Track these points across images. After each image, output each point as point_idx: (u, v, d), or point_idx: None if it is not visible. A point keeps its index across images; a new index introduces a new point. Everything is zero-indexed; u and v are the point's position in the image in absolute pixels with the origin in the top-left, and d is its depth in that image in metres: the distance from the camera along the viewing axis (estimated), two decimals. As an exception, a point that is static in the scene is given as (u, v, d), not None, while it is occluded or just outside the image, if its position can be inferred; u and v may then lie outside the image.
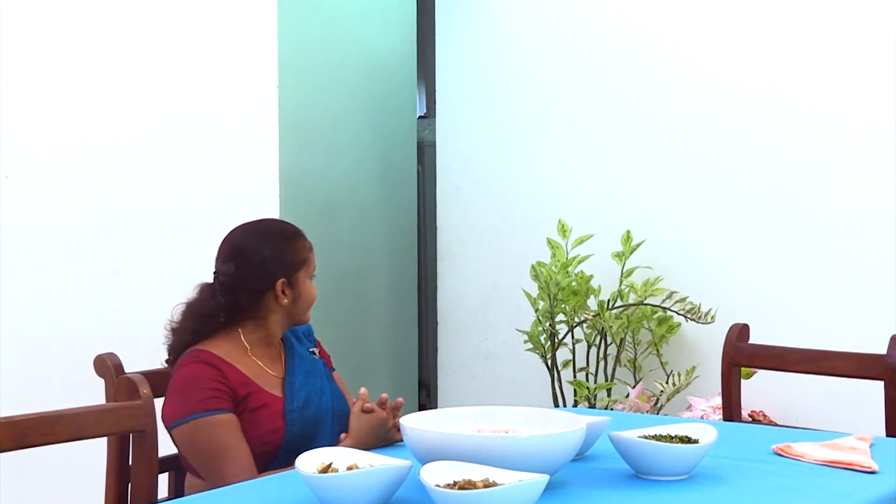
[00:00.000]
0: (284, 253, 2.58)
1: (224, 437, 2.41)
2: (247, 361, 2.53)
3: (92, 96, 3.31)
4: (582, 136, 4.42)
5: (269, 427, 2.48)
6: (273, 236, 2.61)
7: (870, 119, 3.81)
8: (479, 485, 1.78)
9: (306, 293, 2.61)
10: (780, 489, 2.04)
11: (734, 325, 3.02)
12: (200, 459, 2.42)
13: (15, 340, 3.12)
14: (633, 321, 4.06)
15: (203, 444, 2.41)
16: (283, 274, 2.57)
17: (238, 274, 2.55)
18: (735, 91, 4.08)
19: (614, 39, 4.35)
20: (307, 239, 2.66)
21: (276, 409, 2.51)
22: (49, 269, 3.21)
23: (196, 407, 2.41)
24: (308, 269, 2.63)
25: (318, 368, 2.66)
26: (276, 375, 2.58)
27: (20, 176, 3.14)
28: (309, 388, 2.58)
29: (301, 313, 2.62)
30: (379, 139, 5.09)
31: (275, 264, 2.57)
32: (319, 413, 2.57)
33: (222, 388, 2.45)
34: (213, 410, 2.42)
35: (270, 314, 2.58)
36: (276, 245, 2.59)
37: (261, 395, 2.50)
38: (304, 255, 2.62)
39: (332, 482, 1.86)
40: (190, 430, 2.38)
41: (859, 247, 3.82)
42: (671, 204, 4.21)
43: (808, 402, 3.85)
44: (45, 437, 2.11)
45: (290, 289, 2.58)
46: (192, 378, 2.45)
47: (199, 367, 2.47)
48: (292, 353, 2.64)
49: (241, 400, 2.47)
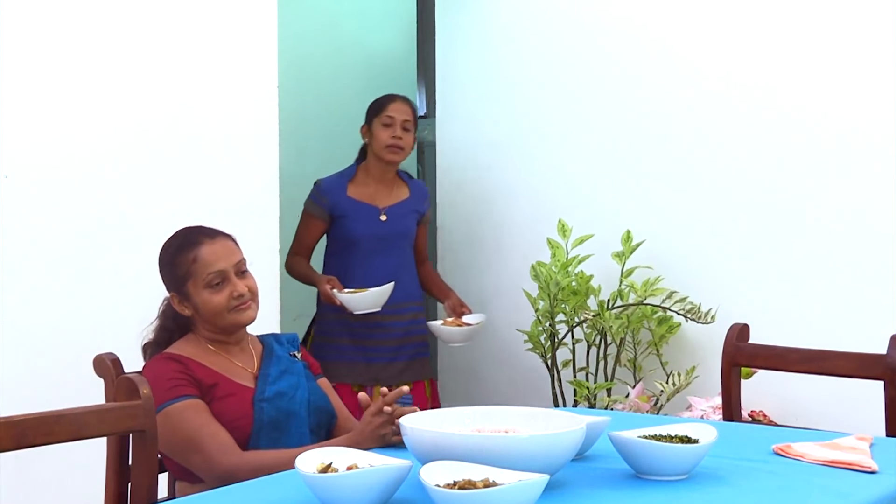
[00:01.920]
0: (169, 268, 2.62)
1: (196, 419, 2.45)
2: (212, 358, 2.58)
3: (92, 98, 3.31)
4: (582, 135, 4.42)
5: (237, 414, 2.50)
6: (164, 251, 2.65)
7: (869, 119, 3.80)
8: (479, 485, 1.78)
9: (203, 304, 2.57)
10: (780, 489, 2.04)
11: (734, 324, 3.02)
12: (180, 447, 2.45)
13: (15, 340, 3.12)
14: (633, 321, 4.06)
15: (177, 430, 2.44)
16: (172, 288, 2.62)
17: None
18: (735, 92, 4.08)
19: (614, 39, 4.35)
20: (196, 248, 2.58)
21: (244, 398, 2.54)
22: (49, 270, 3.20)
23: (162, 398, 2.44)
24: (196, 281, 2.56)
25: (297, 368, 2.68)
26: (247, 369, 2.61)
27: (21, 176, 3.14)
28: (284, 383, 2.60)
29: (213, 321, 2.59)
30: (379, 139, 5.07)
31: (164, 279, 2.64)
32: (293, 404, 2.59)
33: (185, 377, 2.50)
34: (179, 397, 2.46)
35: (196, 323, 2.63)
36: (163, 261, 2.64)
37: (228, 385, 2.54)
38: (185, 268, 2.57)
39: (332, 482, 1.86)
40: (162, 421, 2.37)
41: (859, 247, 3.82)
42: (671, 204, 4.21)
43: (808, 402, 3.85)
44: (45, 437, 2.10)
45: (187, 301, 2.60)
46: (156, 375, 2.49)
47: (161, 363, 2.53)
48: (270, 353, 2.67)
49: (208, 389, 2.51)
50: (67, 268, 3.24)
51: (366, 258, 4.12)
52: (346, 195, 4.13)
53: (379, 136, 4.11)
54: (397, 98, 4.19)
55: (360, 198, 4.14)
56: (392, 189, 4.21)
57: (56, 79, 3.23)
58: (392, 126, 4.10)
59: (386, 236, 4.14)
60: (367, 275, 4.08)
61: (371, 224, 4.12)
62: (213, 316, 2.58)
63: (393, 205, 4.18)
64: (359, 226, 4.12)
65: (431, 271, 4.41)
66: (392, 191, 4.20)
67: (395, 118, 4.11)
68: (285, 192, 3.90)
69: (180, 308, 2.60)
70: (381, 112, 4.13)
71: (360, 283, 4.05)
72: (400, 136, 4.10)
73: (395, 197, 4.20)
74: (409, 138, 4.14)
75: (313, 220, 4.17)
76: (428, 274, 4.36)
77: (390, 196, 4.19)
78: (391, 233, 4.15)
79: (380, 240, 4.13)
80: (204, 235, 2.62)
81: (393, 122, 4.10)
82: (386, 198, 4.19)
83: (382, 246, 4.13)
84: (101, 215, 3.32)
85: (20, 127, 3.15)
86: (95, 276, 3.30)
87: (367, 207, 4.13)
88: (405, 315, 4.17)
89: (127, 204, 3.38)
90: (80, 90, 3.28)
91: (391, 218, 4.16)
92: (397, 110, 4.13)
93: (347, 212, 4.12)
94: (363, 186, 4.17)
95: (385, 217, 4.14)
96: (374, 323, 4.04)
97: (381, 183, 4.19)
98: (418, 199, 4.26)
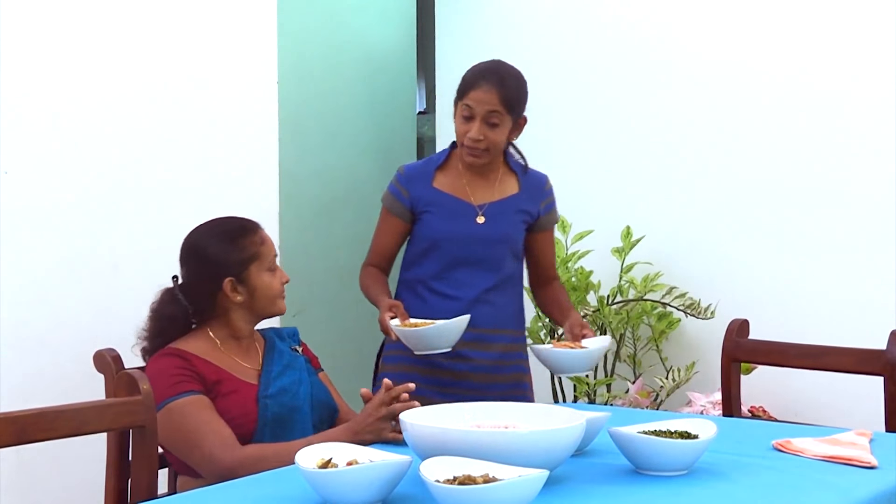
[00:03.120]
0: (230, 251, 2.59)
1: (198, 415, 2.44)
2: (217, 355, 2.57)
3: (91, 93, 3.30)
4: (581, 131, 4.41)
5: (241, 411, 2.50)
6: (218, 235, 2.62)
7: (868, 113, 3.81)
8: (479, 480, 1.78)
9: (263, 286, 2.61)
10: (780, 484, 2.04)
11: (734, 320, 3.02)
12: (181, 443, 2.45)
13: (15, 336, 3.12)
14: (633, 317, 4.06)
15: (179, 426, 2.43)
16: (231, 272, 2.59)
17: (190, 276, 2.63)
18: (735, 87, 4.08)
19: (613, 35, 4.35)
20: (258, 233, 2.65)
21: (248, 395, 2.54)
22: (49, 265, 3.20)
23: (165, 393, 2.44)
24: (262, 263, 2.61)
25: (299, 363, 2.69)
26: (250, 367, 2.61)
27: (20, 172, 3.14)
28: (287, 379, 2.61)
29: (265, 306, 2.63)
30: (378, 135, 5.08)
31: (220, 264, 2.59)
32: (296, 400, 2.59)
33: (188, 373, 2.48)
34: (182, 393, 2.45)
35: (230, 312, 2.61)
36: (221, 244, 2.60)
37: (232, 382, 2.54)
38: (252, 250, 2.61)
39: (332, 478, 1.86)
40: (164, 417, 2.39)
41: (859, 242, 3.82)
42: (671, 199, 4.22)
43: (808, 398, 3.85)
44: (45, 433, 2.10)
45: (243, 285, 2.59)
46: (159, 371, 2.49)
47: (165, 359, 2.52)
48: (272, 348, 2.68)
49: (212, 385, 2.50)
50: (67, 263, 3.24)
51: (449, 271, 3.14)
52: (431, 185, 3.15)
53: (456, 127, 3.14)
54: (484, 79, 3.07)
55: (450, 190, 3.15)
56: (495, 182, 3.18)
57: (55, 75, 3.23)
58: (472, 119, 3.07)
59: (479, 243, 3.12)
60: (447, 293, 3.13)
61: (461, 225, 3.12)
62: (268, 300, 2.62)
63: (494, 202, 3.16)
64: (444, 226, 3.12)
65: (560, 290, 3.32)
66: (495, 184, 3.18)
67: (475, 109, 3.05)
68: (285, 188, 3.90)
69: (232, 294, 2.58)
70: (462, 96, 3.10)
71: (438, 305, 3.11)
72: (479, 136, 3.05)
73: (498, 192, 3.18)
74: (495, 135, 3.07)
75: (390, 217, 3.19)
76: (553, 295, 3.28)
77: (492, 190, 3.17)
78: (487, 238, 3.13)
79: (471, 246, 3.12)
80: (255, 223, 2.68)
81: (472, 114, 3.06)
82: (485, 192, 3.17)
83: (474, 255, 3.13)
84: (100, 211, 3.32)
85: (20, 123, 3.15)
86: (95, 272, 3.30)
87: (457, 203, 3.14)
88: (494, 345, 3.15)
89: (126, 199, 3.38)
90: (78, 86, 3.27)
91: (490, 219, 3.14)
92: (478, 99, 3.05)
93: (431, 206, 3.14)
94: (455, 177, 3.17)
95: (483, 218, 3.13)
96: (454, 352, 3.01)
97: (479, 174, 3.17)
98: (530, 196, 3.21)
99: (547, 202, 3.24)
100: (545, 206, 3.23)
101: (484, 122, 3.04)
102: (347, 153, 4.71)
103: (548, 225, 3.25)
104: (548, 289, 3.30)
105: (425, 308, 3.09)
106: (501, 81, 3.06)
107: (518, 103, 3.11)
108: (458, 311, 3.02)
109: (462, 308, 3.05)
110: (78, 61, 3.27)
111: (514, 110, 3.09)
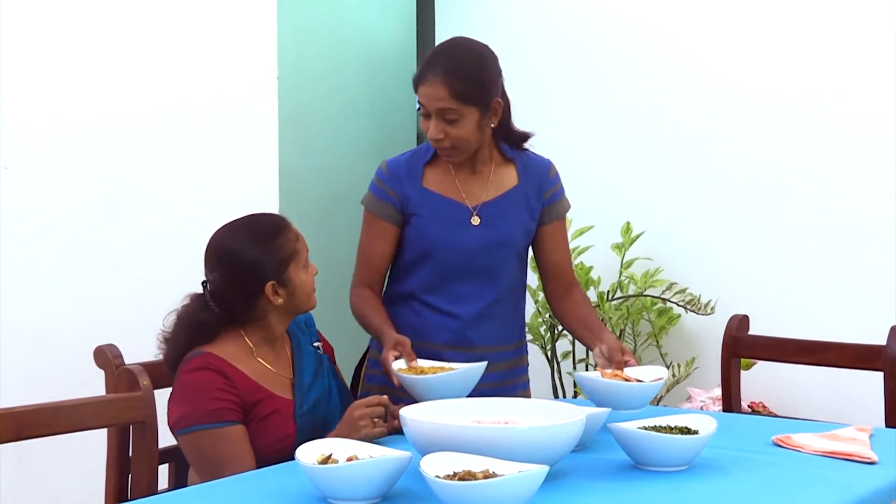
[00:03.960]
0: (268, 253, 2.45)
1: (228, 449, 2.34)
2: (253, 364, 2.46)
3: (92, 90, 3.30)
4: (581, 127, 4.41)
5: (280, 433, 2.42)
6: (254, 238, 2.46)
7: (867, 110, 3.81)
8: (479, 476, 1.78)
9: (301, 285, 2.49)
10: (780, 480, 2.04)
11: (734, 316, 3.02)
12: (203, 468, 2.37)
13: (15, 332, 3.12)
14: (633, 312, 4.06)
15: (207, 454, 2.35)
16: (272, 276, 2.45)
17: (226, 283, 2.45)
18: (734, 83, 4.08)
19: (613, 32, 4.34)
20: (291, 229, 2.51)
21: (286, 414, 2.45)
22: (49, 261, 3.20)
23: (203, 418, 2.33)
24: (298, 261, 2.49)
25: (325, 366, 2.62)
26: (284, 376, 2.51)
27: (20, 168, 3.14)
28: (318, 390, 2.54)
29: (301, 304, 2.52)
30: (378, 132, 5.08)
31: (260, 267, 2.44)
32: (328, 412, 2.53)
33: (231, 397, 2.37)
34: (221, 423, 2.34)
35: (269, 314, 2.49)
36: (258, 247, 2.45)
37: (271, 401, 2.43)
38: (289, 249, 2.48)
39: (332, 473, 1.87)
40: (196, 439, 2.33)
41: (859, 238, 3.82)
42: (671, 195, 4.21)
43: (808, 393, 3.85)
44: (46, 429, 2.11)
45: (283, 287, 2.46)
46: (200, 385, 2.36)
47: (206, 373, 2.38)
48: (299, 351, 2.58)
49: (251, 407, 2.40)
50: (67, 259, 3.24)
51: (445, 283, 2.74)
52: (420, 184, 2.74)
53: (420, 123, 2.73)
54: (429, 71, 2.61)
55: (440, 190, 2.74)
56: (488, 176, 2.76)
57: (55, 72, 3.23)
58: (428, 118, 2.64)
59: (477, 251, 2.72)
60: (443, 308, 2.74)
61: (455, 230, 2.72)
62: (306, 297, 2.51)
63: (490, 200, 2.75)
64: (435, 232, 2.72)
65: (582, 302, 2.82)
66: (488, 178, 2.76)
67: (427, 106, 2.63)
68: (284, 184, 3.90)
69: (274, 297, 2.45)
70: (416, 92, 2.67)
71: (433, 320, 2.75)
72: (439, 134, 2.63)
73: (494, 187, 2.76)
74: (458, 131, 2.62)
75: (377, 223, 2.77)
76: (576, 311, 2.80)
77: (485, 186, 2.76)
78: (485, 245, 2.72)
79: (467, 255, 2.72)
80: (282, 218, 2.56)
81: (427, 112, 2.64)
82: (479, 189, 2.75)
83: (472, 265, 2.72)
84: (100, 207, 3.32)
85: (20, 119, 3.15)
86: (95, 268, 3.30)
87: (448, 204, 2.73)
88: (498, 365, 2.73)
89: (126, 196, 3.38)
90: (78, 82, 3.27)
91: (487, 221, 2.73)
92: (426, 95, 2.62)
93: (421, 209, 2.73)
94: (444, 173, 2.75)
95: (478, 219, 2.74)
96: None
97: (468, 168, 2.75)
98: (531, 186, 2.79)
99: (552, 191, 2.80)
100: (549, 195, 2.79)
101: (440, 120, 2.61)
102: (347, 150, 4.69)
103: (553, 217, 2.80)
104: (568, 301, 2.81)
105: (418, 322, 2.74)
106: (449, 71, 2.58)
107: (477, 92, 2.60)
108: (456, 328, 2.71)
109: (460, 326, 2.71)
110: (78, 58, 3.27)
111: (474, 100, 2.60)
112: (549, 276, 2.85)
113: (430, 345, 2.69)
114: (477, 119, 2.62)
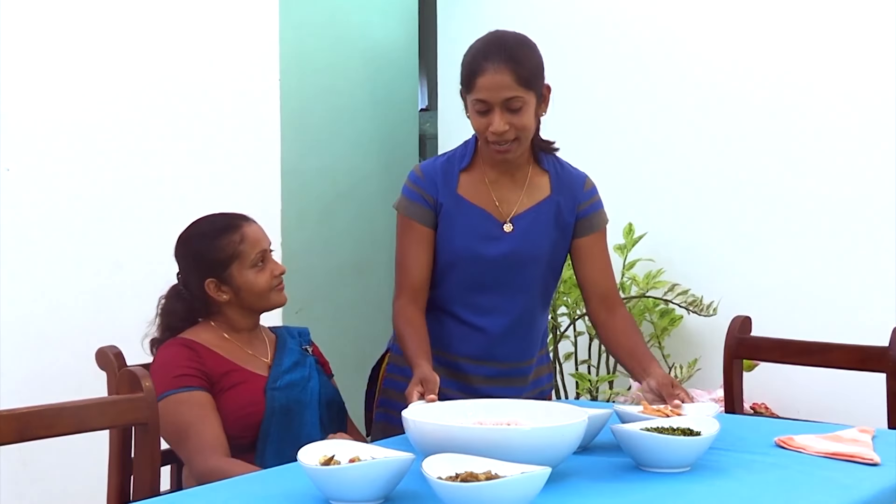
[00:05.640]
0: (208, 252, 2.58)
1: (191, 413, 2.43)
2: (227, 346, 2.58)
3: (94, 90, 3.30)
4: (583, 128, 4.41)
5: (249, 400, 2.51)
6: (197, 237, 2.61)
7: (869, 111, 3.81)
8: (482, 477, 1.78)
9: (248, 284, 2.58)
10: (782, 481, 2.04)
11: (736, 317, 3.02)
12: (172, 437, 2.46)
13: (17, 333, 3.12)
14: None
15: (172, 420, 2.42)
16: (211, 273, 2.58)
17: (182, 276, 2.64)
18: (736, 83, 4.08)
19: (614, 33, 4.34)
20: (240, 230, 2.60)
21: (257, 385, 2.54)
22: (51, 262, 3.20)
23: (166, 385, 2.45)
24: (243, 262, 2.58)
25: (309, 361, 2.69)
26: (261, 359, 2.61)
27: (22, 169, 3.14)
28: (297, 375, 2.61)
29: (255, 302, 2.61)
30: (380, 132, 5.09)
31: (200, 265, 2.59)
32: (305, 395, 2.59)
33: (195, 366, 2.49)
34: (183, 388, 2.46)
35: (224, 308, 2.61)
36: (201, 244, 2.59)
37: (241, 373, 2.54)
38: (231, 249, 2.58)
39: (335, 475, 1.86)
40: (162, 407, 2.37)
41: (861, 239, 3.82)
42: (673, 196, 4.21)
43: (810, 395, 3.85)
44: (48, 430, 2.11)
45: (226, 285, 2.58)
46: (168, 359, 2.50)
47: (175, 349, 2.52)
48: (283, 345, 2.68)
49: (219, 377, 2.50)
50: (69, 260, 3.24)
51: (472, 295, 2.65)
52: (455, 192, 2.63)
53: (473, 123, 2.56)
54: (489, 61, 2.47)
55: (474, 199, 2.63)
56: (523, 183, 2.65)
57: (57, 72, 3.22)
58: (489, 111, 2.50)
59: (506, 261, 2.61)
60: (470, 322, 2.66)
61: (485, 242, 2.61)
62: (257, 297, 2.59)
63: (523, 212, 2.64)
64: (464, 243, 2.61)
65: (626, 330, 2.65)
66: (523, 186, 2.65)
67: (490, 99, 2.48)
68: (286, 184, 3.90)
69: (217, 294, 2.57)
70: (470, 88, 2.51)
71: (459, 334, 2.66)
72: (504, 126, 2.49)
73: (527, 196, 2.65)
74: (522, 120, 2.50)
75: (415, 227, 2.63)
76: (620, 335, 2.65)
77: (519, 194, 2.65)
78: (517, 258, 2.62)
79: (497, 268, 2.62)
80: (240, 218, 2.64)
81: (489, 106, 2.49)
82: (513, 196, 2.64)
83: (502, 278, 2.63)
84: (102, 208, 3.32)
85: (22, 120, 3.15)
86: (97, 269, 3.30)
87: (480, 215, 2.62)
88: (525, 379, 2.72)
89: (129, 197, 3.38)
90: (80, 82, 3.27)
91: (521, 232, 2.63)
92: (489, 86, 2.47)
93: (452, 218, 2.62)
94: (479, 180, 2.64)
95: (511, 226, 2.63)
96: (469, 387, 2.65)
97: (505, 172, 2.64)
98: (564, 195, 2.67)
99: (587, 204, 2.67)
100: (584, 208, 2.67)
101: (505, 111, 2.48)
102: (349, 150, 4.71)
103: (587, 230, 2.67)
104: (612, 327, 2.66)
105: (444, 334, 2.65)
106: (511, 57, 2.47)
107: (536, 75, 2.52)
108: (483, 344, 2.63)
109: (487, 342, 2.63)
110: (79, 59, 3.27)
111: (534, 84, 2.50)
112: (588, 293, 2.70)
113: (449, 355, 2.66)
114: (534, 106, 2.52)
